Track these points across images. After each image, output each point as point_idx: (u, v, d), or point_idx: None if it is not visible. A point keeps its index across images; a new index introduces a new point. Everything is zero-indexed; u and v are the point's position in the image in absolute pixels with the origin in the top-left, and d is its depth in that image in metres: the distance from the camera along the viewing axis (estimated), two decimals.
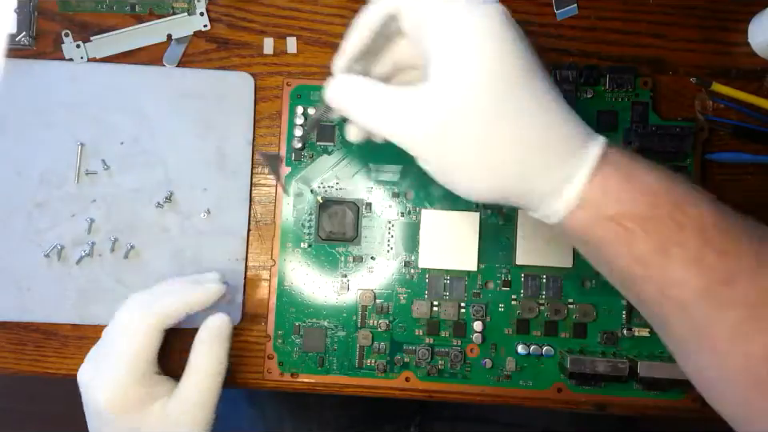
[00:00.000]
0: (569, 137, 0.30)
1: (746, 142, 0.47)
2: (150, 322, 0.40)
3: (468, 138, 0.29)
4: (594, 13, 0.49)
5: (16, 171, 0.48)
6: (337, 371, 0.46)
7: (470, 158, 0.30)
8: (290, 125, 0.48)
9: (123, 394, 0.39)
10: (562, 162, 0.30)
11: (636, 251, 0.29)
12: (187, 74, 0.49)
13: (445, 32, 0.30)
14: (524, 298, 0.46)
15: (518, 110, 0.29)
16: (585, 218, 0.30)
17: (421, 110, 0.30)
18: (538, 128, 0.29)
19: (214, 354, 0.41)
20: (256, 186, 0.49)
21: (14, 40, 0.48)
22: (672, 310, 0.30)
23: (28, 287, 0.47)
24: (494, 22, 0.29)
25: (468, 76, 0.29)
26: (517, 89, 0.29)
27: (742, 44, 0.48)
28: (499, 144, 0.29)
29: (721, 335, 0.29)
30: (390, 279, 0.47)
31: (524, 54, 0.30)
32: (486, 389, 0.46)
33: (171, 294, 0.42)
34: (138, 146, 0.48)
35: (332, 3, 0.49)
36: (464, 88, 0.29)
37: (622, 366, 0.43)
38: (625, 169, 0.30)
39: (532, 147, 0.29)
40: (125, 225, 0.48)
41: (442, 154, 0.30)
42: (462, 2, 0.30)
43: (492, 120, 0.29)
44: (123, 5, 0.49)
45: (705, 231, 0.29)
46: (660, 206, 0.29)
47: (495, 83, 0.29)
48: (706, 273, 0.29)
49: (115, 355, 0.40)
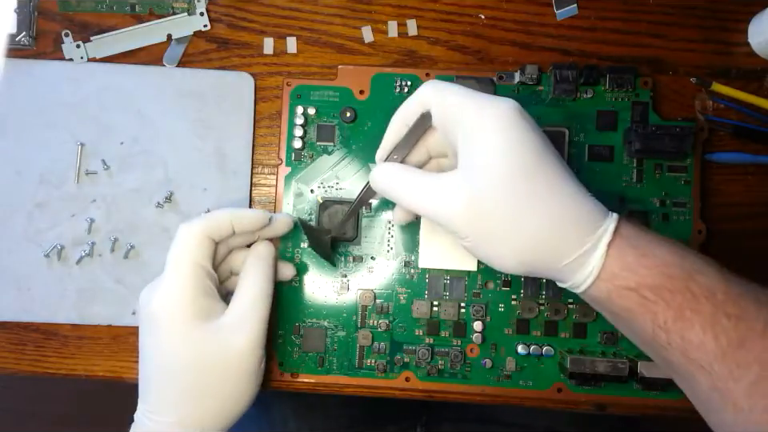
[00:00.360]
0: (583, 215, 0.34)
1: (746, 142, 0.47)
2: (200, 228, 0.40)
3: (489, 219, 0.34)
4: (594, 13, 0.49)
5: (16, 171, 0.48)
6: (337, 371, 0.46)
7: (493, 238, 0.34)
8: (290, 125, 0.48)
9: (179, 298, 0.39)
10: (579, 239, 0.34)
11: (659, 320, 0.33)
12: (187, 74, 0.49)
13: (465, 127, 0.35)
14: (524, 298, 0.46)
15: (532, 194, 0.34)
16: (608, 289, 0.34)
17: (449, 194, 0.35)
18: (553, 209, 0.34)
19: (264, 273, 0.42)
20: (256, 186, 0.49)
21: (13, 40, 0.48)
22: (695, 371, 0.33)
23: (28, 287, 0.47)
24: (507, 117, 0.34)
25: (484, 166, 0.34)
26: (530, 175, 0.34)
27: (741, 44, 0.48)
28: (521, 225, 0.34)
29: (740, 393, 0.32)
30: (390, 279, 0.47)
31: (535, 143, 0.34)
32: (486, 389, 0.46)
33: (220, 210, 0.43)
34: (138, 146, 0.48)
35: (332, 3, 0.49)
36: (482, 176, 0.34)
37: (622, 366, 0.43)
38: (637, 242, 0.34)
39: (549, 227, 0.34)
40: (125, 225, 0.48)
41: (473, 233, 0.35)
42: (480, 101, 0.35)
43: (509, 204, 0.33)
44: (123, 5, 0.49)
45: (716, 298, 0.32)
46: (674, 276, 0.33)
47: (509, 171, 0.33)
48: (721, 336, 0.32)
49: (171, 263, 0.40)
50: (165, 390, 0.40)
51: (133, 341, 0.48)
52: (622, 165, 0.47)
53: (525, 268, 0.35)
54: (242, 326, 0.40)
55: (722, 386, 0.32)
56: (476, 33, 0.49)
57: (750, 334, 0.32)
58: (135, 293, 0.47)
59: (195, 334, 0.39)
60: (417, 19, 0.49)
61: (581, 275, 0.34)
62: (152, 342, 0.40)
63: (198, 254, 0.40)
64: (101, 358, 0.48)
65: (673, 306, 0.33)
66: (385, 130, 0.40)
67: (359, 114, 0.47)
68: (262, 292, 0.42)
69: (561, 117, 0.47)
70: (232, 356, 0.40)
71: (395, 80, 0.48)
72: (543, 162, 0.34)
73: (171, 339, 0.39)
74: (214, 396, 0.40)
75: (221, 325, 0.40)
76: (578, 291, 0.35)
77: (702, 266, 0.33)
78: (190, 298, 0.39)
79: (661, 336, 0.33)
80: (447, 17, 0.49)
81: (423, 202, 0.36)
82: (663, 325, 0.33)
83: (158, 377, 0.40)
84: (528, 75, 0.47)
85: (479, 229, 0.34)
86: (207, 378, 0.39)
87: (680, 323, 0.33)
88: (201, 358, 0.39)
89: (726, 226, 0.47)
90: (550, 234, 0.34)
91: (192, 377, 0.39)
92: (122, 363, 0.48)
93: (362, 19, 0.49)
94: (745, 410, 0.32)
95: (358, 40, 0.49)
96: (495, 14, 0.49)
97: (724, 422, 0.33)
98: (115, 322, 0.47)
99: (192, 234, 0.40)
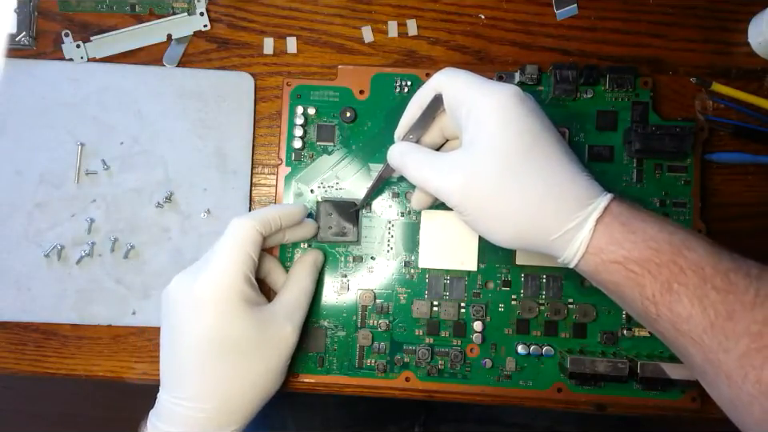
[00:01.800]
0: (577, 193, 0.36)
1: (746, 142, 0.47)
2: (253, 222, 0.41)
3: (486, 194, 0.36)
4: (594, 13, 0.49)
5: (16, 171, 0.48)
6: (337, 371, 0.46)
7: (489, 212, 0.36)
8: (290, 125, 0.48)
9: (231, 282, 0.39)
10: (570, 215, 0.35)
11: (646, 292, 0.34)
12: (187, 74, 0.49)
13: (468, 109, 0.37)
14: (524, 297, 0.46)
15: (527, 173, 0.36)
16: (595, 263, 0.36)
17: (449, 171, 0.37)
18: (547, 187, 0.35)
19: (312, 274, 0.45)
20: (256, 186, 0.49)
21: (13, 40, 0.48)
22: (687, 343, 0.34)
23: (28, 287, 0.47)
24: (506, 100, 0.36)
25: (483, 145, 0.36)
26: (523, 154, 0.36)
27: (742, 44, 0.48)
28: (511, 200, 0.36)
29: (732, 365, 0.32)
30: (390, 279, 0.47)
31: (532, 125, 0.36)
32: (486, 389, 0.46)
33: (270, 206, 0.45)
34: (138, 146, 0.48)
35: (332, 3, 0.49)
36: (478, 154, 0.36)
37: (622, 366, 0.43)
38: (628, 220, 0.35)
39: (541, 203, 0.35)
40: (125, 225, 0.48)
41: (472, 205, 0.37)
42: (484, 86, 0.37)
43: (509, 176, 0.35)
44: (123, 5, 0.49)
45: (704, 272, 0.33)
46: (661, 251, 0.34)
47: (506, 150, 0.36)
48: (709, 308, 0.33)
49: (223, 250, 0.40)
50: (205, 374, 0.39)
51: (133, 341, 0.48)
52: (622, 165, 0.47)
53: (518, 242, 0.37)
54: (292, 315, 0.42)
55: (714, 357, 0.33)
56: (476, 33, 0.49)
57: (738, 306, 0.32)
58: (135, 293, 0.47)
59: (244, 316, 0.40)
60: (417, 19, 0.49)
61: (570, 250, 0.36)
62: (192, 326, 0.39)
63: (249, 245, 0.41)
64: (101, 358, 0.48)
65: (659, 280, 0.34)
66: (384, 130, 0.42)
67: (359, 114, 0.47)
68: (308, 289, 0.45)
69: (561, 117, 0.47)
70: (277, 342, 0.41)
71: (395, 80, 0.48)
72: (539, 142, 0.36)
73: (219, 322, 0.39)
74: (254, 382, 0.41)
75: (272, 311, 0.42)
76: (571, 265, 0.37)
77: (692, 242, 0.34)
78: (240, 283, 0.40)
79: (650, 308, 0.35)
80: (447, 17, 0.49)
81: (429, 179, 0.38)
82: (651, 297, 0.34)
83: (197, 361, 0.39)
84: (528, 75, 0.47)
85: (474, 204, 0.36)
86: (251, 363, 0.40)
87: (667, 296, 0.34)
88: (248, 341, 0.40)
89: (725, 226, 0.47)
90: (537, 210, 0.36)
91: (237, 360, 0.39)
92: (122, 363, 0.48)
93: (362, 19, 0.49)
94: (738, 381, 0.32)
95: (358, 40, 0.49)
96: (495, 13, 0.49)
97: (721, 395, 0.34)
98: (115, 322, 0.47)
99: (246, 227, 0.41)
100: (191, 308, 0.39)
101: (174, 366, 0.40)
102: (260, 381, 0.41)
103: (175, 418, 0.39)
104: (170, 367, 0.40)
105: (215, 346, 0.39)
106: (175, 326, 0.40)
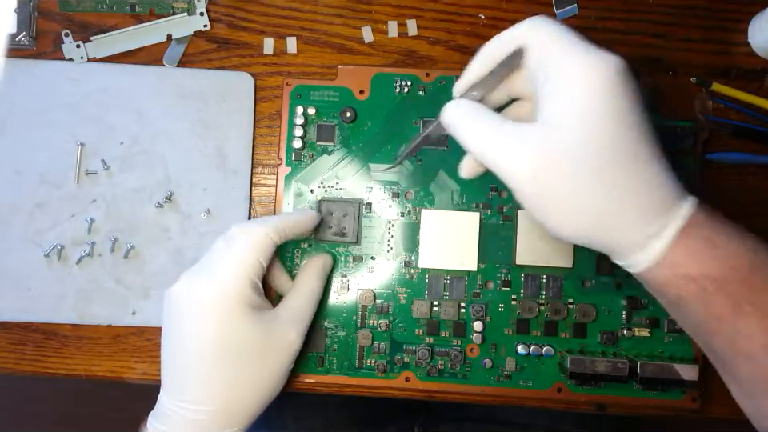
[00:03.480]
0: (662, 195, 0.31)
1: (746, 142, 0.47)
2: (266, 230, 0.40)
3: (569, 181, 0.31)
4: (594, 13, 0.49)
5: (16, 171, 0.48)
6: (337, 371, 0.46)
7: (567, 201, 0.31)
8: (290, 125, 0.48)
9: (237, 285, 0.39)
10: (652, 218, 0.31)
11: (713, 309, 0.32)
12: (187, 74, 0.49)
13: (558, 77, 0.31)
14: (524, 297, 0.46)
15: (619, 164, 0.31)
16: (666, 275, 0.32)
17: (528, 148, 0.31)
18: (635, 183, 0.31)
19: (319, 278, 0.45)
20: (256, 186, 0.49)
21: (13, 40, 0.48)
22: (737, 357, 0.32)
23: (28, 287, 0.47)
24: (611, 78, 0.31)
25: (572, 128, 0.30)
26: (622, 143, 0.31)
27: (741, 44, 0.48)
28: (596, 193, 0.31)
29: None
30: (390, 279, 0.47)
31: (634, 111, 0.31)
32: (486, 389, 0.46)
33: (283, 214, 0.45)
34: (138, 146, 0.48)
35: (332, 3, 0.49)
36: (567, 140, 0.30)
37: (622, 366, 0.43)
38: (710, 232, 0.32)
39: (626, 200, 0.31)
40: (125, 225, 0.48)
41: (541, 193, 0.32)
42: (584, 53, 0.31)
43: (594, 169, 0.31)
44: (123, 5, 0.49)
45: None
46: (739, 268, 0.31)
47: (601, 141, 0.30)
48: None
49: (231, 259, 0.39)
50: (209, 377, 0.39)
51: (133, 341, 0.48)
52: None
53: (583, 238, 0.33)
54: (297, 320, 0.42)
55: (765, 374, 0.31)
56: (476, 33, 0.49)
57: None
58: (135, 293, 0.47)
59: (249, 322, 0.39)
60: (417, 19, 0.49)
61: (640, 256, 0.32)
62: (197, 330, 0.39)
63: (260, 252, 0.40)
64: (101, 358, 0.48)
65: (732, 298, 0.31)
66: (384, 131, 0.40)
67: (359, 113, 0.47)
68: (315, 294, 0.44)
69: None
70: (281, 347, 0.41)
71: (395, 80, 0.48)
72: (637, 130, 0.31)
73: (224, 327, 0.39)
74: (256, 386, 0.40)
75: (277, 316, 0.41)
76: (633, 271, 0.33)
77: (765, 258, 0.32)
78: (247, 290, 0.39)
79: (711, 324, 0.32)
80: (447, 17, 0.49)
81: (489, 149, 0.33)
82: (716, 315, 0.32)
83: (201, 366, 0.39)
84: None
85: (546, 194, 0.32)
86: (254, 367, 0.40)
87: (735, 315, 0.31)
88: (252, 346, 0.39)
89: None
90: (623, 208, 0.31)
91: (240, 364, 0.39)
92: (122, 363, 0.48)
93: (362, 19, 0.49)
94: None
95: (357, 40, 0.49)
96: (495, 14, 0.49)
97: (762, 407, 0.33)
98: (115, 322, 0.47)
99: (260, 233, 0.40)
100: (196, 312, 0.39)
101: (176, 369, 0.40)
102: (262, 385, 0.41)
103: (176, 421, 0.39)
104: (172, 370, 0.40)
105: (219, 351, 0.39)
106: (179, 329, 0.39)
